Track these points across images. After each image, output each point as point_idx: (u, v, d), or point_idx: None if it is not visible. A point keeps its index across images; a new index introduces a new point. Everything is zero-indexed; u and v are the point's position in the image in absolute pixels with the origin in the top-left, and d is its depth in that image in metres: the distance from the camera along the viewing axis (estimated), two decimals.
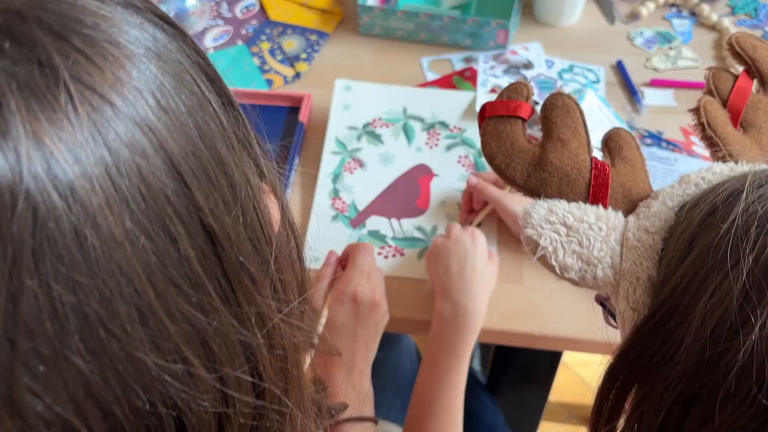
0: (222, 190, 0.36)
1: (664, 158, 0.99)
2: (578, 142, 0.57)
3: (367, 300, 0.79)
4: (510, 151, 0.57)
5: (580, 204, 0.53)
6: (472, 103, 1.03)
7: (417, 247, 0.91)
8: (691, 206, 0.48)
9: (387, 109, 1.03)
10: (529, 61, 1.12)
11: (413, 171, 0.98)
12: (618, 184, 0.56)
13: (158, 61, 0.34)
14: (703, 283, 0.41)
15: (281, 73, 1.12)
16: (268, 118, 1.06)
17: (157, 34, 0.35)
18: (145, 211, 0.32)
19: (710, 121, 0.58)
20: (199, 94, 0.36)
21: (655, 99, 1.08)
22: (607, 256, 0.50)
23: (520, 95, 0.59)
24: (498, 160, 0.58)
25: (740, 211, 0.41)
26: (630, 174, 0.56)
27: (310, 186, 0.98)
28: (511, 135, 0.58)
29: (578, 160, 0.56)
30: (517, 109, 0.58)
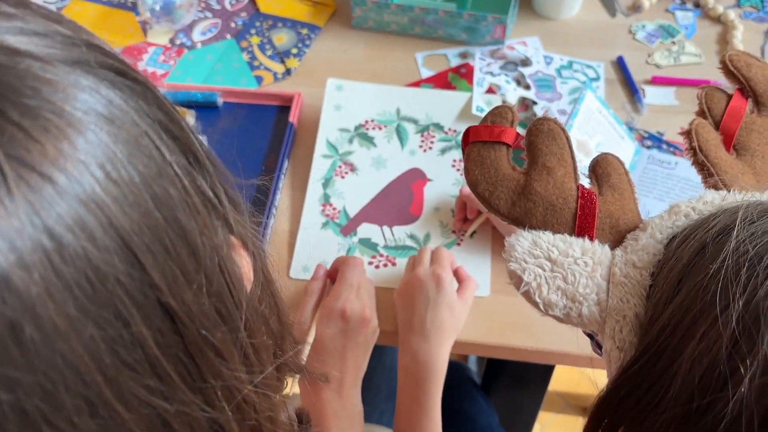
0: (182, 261, 0.34)
1: (664, 161, 0.96)
2: (564, 169, 0.54)
3: (357, 316, 0.77)
4: (494, 179, 0.55)
5: (565, 236, 0.51)
6: (467, 104, 1.00)
7: (409, 257, 0.89)
8: (680, 241, 0.46)
9: (380, 110, 1.00)
10: (526, 57, 1.09)
11: (406, 175, 0.95)
12: (605, 213, 0.53)
13: (110, 126, 0.31)
14: (691, 327, 0.39)
15: (271, 70, 1.09)
16: (257, 117, 1.03)
17: (111, 95, 0.32)
18: (92, 297, 0.29)
19: (702, 145, 0.56)
20: (158, 159, 0.33)
21: (657, 98, 1.05)
22: (592, 293, 0.49)
23: (504, 120, 0.56)
24: (481, 187, 0.56)
25: (730, 251, 0.39)
26: (618, 203, 0.54)
27: (300, 190, 0.95)
28: (495, 162, 0.55)
29: (564, 189, 0.54)
30: (502, 135, 0.56)
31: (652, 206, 0.92)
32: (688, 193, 0.93)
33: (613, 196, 0.54)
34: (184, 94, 1.03)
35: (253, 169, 0.97)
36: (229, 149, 0.98)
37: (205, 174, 0.38)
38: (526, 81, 1.06)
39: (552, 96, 1.04)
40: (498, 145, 0.56)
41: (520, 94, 1.03)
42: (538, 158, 0.54)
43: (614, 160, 0.55)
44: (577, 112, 0.92)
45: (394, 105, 1.00)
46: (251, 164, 0.97)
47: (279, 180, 0.94)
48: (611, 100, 1.04)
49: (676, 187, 0.94)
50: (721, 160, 0.56)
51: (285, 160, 0.96)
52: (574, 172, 0.55)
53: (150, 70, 1.09)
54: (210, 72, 1.09)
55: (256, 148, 0.99)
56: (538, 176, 0.54)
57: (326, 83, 1.02)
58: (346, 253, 0.89)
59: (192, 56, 1.11)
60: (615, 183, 0.55)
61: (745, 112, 0.59)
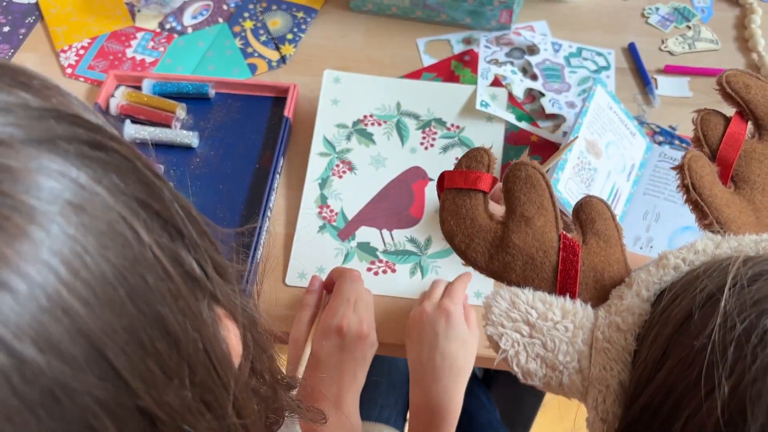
0: (161, 358, 0.30)
1: (676, 159, 0.92)
2: (544, 218, 0.51)
3: (354, 332, 0.74)
4: (470, 230, 0.52)
5: (545, 296, 0.48)
6: (471, 98, 0.95)
7: (409, 263, 0.85)
8: (667, 303, 0.43)
9: (379, 105, 0.95)
10: (534, 44, 1.03)
11: (406, 174, 0.91)
12: (589, 266, 0.50)
13: (79, 215, 0.28)
14: (675, 408, 0.37)
15: (265, 57, 1.04)
16: (251, 110, 0.98)
17: (81, 177, 0.28)
18: (59, 415, 0.26)
19: (695, 182, 0.52)
20: (135, 244, 0.30)
21: (669, 88, 1.00)
22: (573, 361, 0.46)
23: (480, 164, 0.53)
24: (458, 239, 0.52)
25: (717, 325, 0.37)
26: (603, 253, 0.51)
27: (296, 189, 0.91)
28: (471, 211, 0.52)
29: (544, 240, 0.50)
30: (477, 182, 0.52)
31: (663, 207, 0.89)
32: None
33: (598, 244, 0.51)
34: (174, 85, 0.98)
35: (248, 167, 0.92)
36: (223, 145, 0.94)
37: (189, 246, 0.34)
38: (533, 70, 1.01)
39: (560, 87, 0.99)
40: (474, 193, 0.52)
41: (527, 86, 0.98)
42: (516, 207, 0.51)
43: (599, 203, 0.52)
44: (587, 110, 0.87)
45: (394, 99, 0.96)
46: (245, 161, 0.93)
47: (274, 180, 0.90)
48: (621, 91, 0.99)
49: None
50: (716, 198, 0.52)
51: (280, 158, 0.92)
52: (555, 219, 0.51)
53: (138, 58, 1.04)
54: (201, 60, 1.04)
55: (250, 144, 0.95)
56: (516, 227, 0.51)
57: (323, 74, 0.97)
58: (344, 258, 0.85)
59: (182, 42, 1.06)
60: (600, 230, 0.51)
61: (744, 137, 0.55)
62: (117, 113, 0.96)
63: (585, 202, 0.52)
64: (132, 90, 0.98)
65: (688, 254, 0.46)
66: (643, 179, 0.91)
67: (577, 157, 0.84)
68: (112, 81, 1.00)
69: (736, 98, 0.56)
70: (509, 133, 0.94)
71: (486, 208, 0.53)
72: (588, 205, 0.52)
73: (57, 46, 1.06)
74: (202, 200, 0.90)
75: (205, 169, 0.93)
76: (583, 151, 0.85)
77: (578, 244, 0.50)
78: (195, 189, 0.91)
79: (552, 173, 0.81)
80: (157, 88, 0.98)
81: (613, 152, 0.89)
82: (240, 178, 0.92)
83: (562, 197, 0.81)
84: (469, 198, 0.53)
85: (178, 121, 0.96)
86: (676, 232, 0.87)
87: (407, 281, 0.84)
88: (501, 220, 0.52)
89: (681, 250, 0.47)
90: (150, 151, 0.94)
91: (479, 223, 0.52)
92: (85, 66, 1.03)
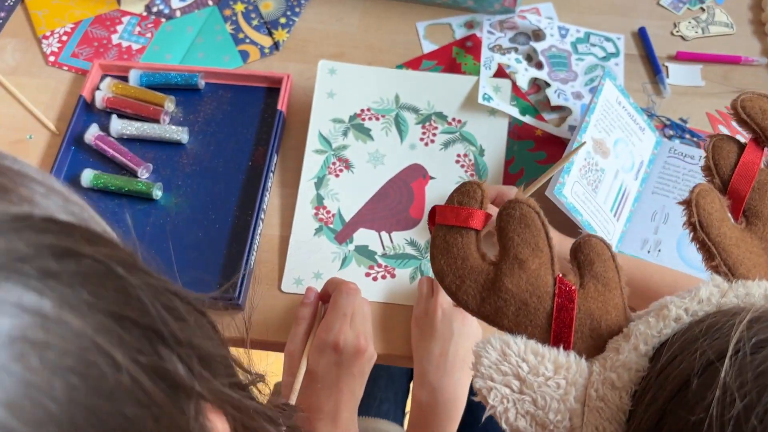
0: None
1: (686, 155, 0.88)
2: (539, 260, 0.48)
3: (351, 348, 0.71)
4: (461, 271, 0.49)
5: (537, 347, 0.45)
6: (474, 90, 0.91)
7: (409, 267, 0.82)
8: (665, 362, 0.41)
9: (377, 98, 0.91)
10: (539, 29, 0.98)
11: (406, 173, 0.87)
12: (585, 313, 0.47)
13: (42, 353, 0.24)
14: None
15: (257, 43, 0.99)
16: (243, 102, 0.94)
17: (46, 304, 0.24)
18: None
19: (703, 219, 0.49)
20: (110, 373, 0.26)
21: (681, 77, 0.96)
22: (565, 420, 0.43)
23: (472, 200, 0.50)
24: (448, 280, 0.50)
25: (715, 399, 0.34)
26: (601, 298, 0.48)
27: (291, 187, 0.88)
28: (462, 250, 0.50)
29: (538, 285, 0.48)
30: (469, 220, 0.50)
31: (672, 208, 0.85)
32: None
33: (597, 288, 0.48)
34: (163, 76, 0.93)
35: (240, 164, 0.89)
36: (214, 141, 0.90)
37: (171, 344, 0.31)
38: (538, 57, 0.96)
39: (566, 76, 0.94)
40: (466, 231, 0.50)
41: (532, 75, 0.94)
42: (509, 249, 0.48)
43: (598, 243, 0.49)
44: (595, 106, 0.83)
45: (393, 91, 0.91)
46: (238, 158, 0.89)
47: (267, 179, 0.86)
48: (630, 81, 0.95)
49: None
50: (724, 238, 0.49)
51: (274, 155, 0.88)
52: (551, 261, 0.48)
53: (125, 45, 0.99)
54: (191, 47, 0.99)
55: (242, 139, 0.91)
56: (510, 270, 0.48)
57: (318, 65, 0.93)
58: (342, 263, 0.82)
59: (171, 27, 1.01)
60: (599, 272, 0.48)
61: (759, 167, 0.52)
62: (103, 106, 0.92)
63: (583, 241, 0.49)
64: (118, 81, 0.93)
65: (691, 304, 0.44)
66: (651, 177, 0.87)
67: (583, 158, 0.80)
68: (97, 71, 0.95)
69: (752, 124, 0.52)
70: (513, 127, 0.90)
71: (478, 247, 0.50)
72: (586, 245, 0.49)
73: (38, 31, 1.01)
74: (192, 201, 0.86)
75: (195, 166, 0.89)
76: (590, 152, 0.81)
77: (575, 290, 0.47)
78: (186, 189, 0.87)
79: (557, 178, 0.77)
80: (145, 79, 0.94)
81: (621, 150, 0.85)
82: (232, 176, 0.88)
83: (567, 202, 0.78)
84: (460, 236, 0.50)
85: (166, 115, 0.92)
86: (685, 235, 0.84)
87: (407, 287, 0.81)
88: (494, 261, 0.49)
89: (684, 298, 0.44)
90: (138, 148, 0.90)
91: (470, 263, 0.50)
92: (68, 53, 0.99)
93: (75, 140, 0.91)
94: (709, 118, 0.92)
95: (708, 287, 0.44)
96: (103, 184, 0.86)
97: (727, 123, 0.92)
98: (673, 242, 0.83)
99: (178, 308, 0.32)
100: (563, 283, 0.48)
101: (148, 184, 0.86)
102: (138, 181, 0.86)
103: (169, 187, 0.88)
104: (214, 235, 0.84)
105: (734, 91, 0.95)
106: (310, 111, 0.91)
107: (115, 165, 0.89)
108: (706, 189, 0.50)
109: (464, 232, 0.50)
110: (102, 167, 0.89)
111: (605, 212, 0.82)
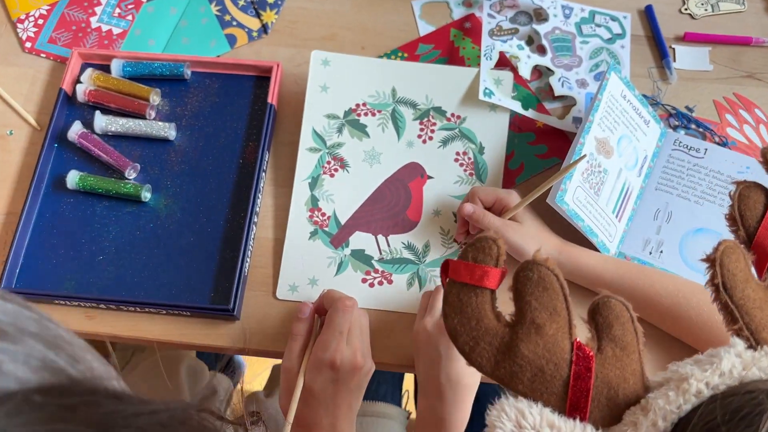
0: None
1: (692, 148, 0.85)
2: (557, 325, 0.46)
3: (348, 365, 0.71)
4: (475, 332, 0.47)
5: (553, 419, 0.44)
6: (474, 82, 0.87)
7: (406, 272, 0.81)
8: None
9: (373, 91, 0.87)
10: (541, 8, 0.93)
11: (403, 172, 0.85)
12: (603, 381, 0.46)
13: None
14: None
15: (245, 27, 0.94)
16: (231, 92, 0.90)
17: None
18: None
19: (727, 281, 0.47)
20: None
21: (688, 60, 0.92)
22: None
23: (488, 257, 0.48)
24: (462, 340, 0.48)
25: None
26: (619, 364, 0.46)
27: (284, 187, 0.85)
28: (477, 311, 0.48)
29: (555, 351, 0.46)
30: (484, 279, 0.47)
31: (675, 205, 0.83)
32: (716, 189, 0.83)
33: (614, 353, 0.46)
34: (147, 65, 0.89)
35: (231, 162, 0.86)
36: (203, 136, 0.86)
37: None
38: (540, 41, 0.91)
39: (570, 61, 0.90)
40: (480, 290, 0.48)
41: (535, 62, 0.90)
42: (526, 312, 0.46)
43: (617, 305, 0.47)
44: (599, 104, 0.79)
45: (389, 84, 0.87)
46: (228, 156, 0.86)
47: (260, 180, 0.83)
48: (636, 65, 0.91)
49: (702, 182, 0.84)
50: (748, 301, 0.47)
51: (266, 153, 0.85)
52: (569, 325, 0.47)
53: (105, 29, 0.94)
54: (174, 31, 0.94)
55: (232, 134, 0.87)
56: (526, 336, 0.46)
57: (310, 55, 0.88)
58: (338, 268, 0.80)
59: (152, 8, 0.95)
60: (617, 335, 0.46)
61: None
62: (85, 101, 0.88)
63: (603, 303, 0.47)
64: (100, 72, 0.89)
65: (712, 378, 0.42)
66: (655, 171, 0.85)
67: (586, 161, 0.77)
68: (77, 60, 0.90)
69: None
70: (513, 117, 0.87)
71: (493, 307, 0.48)
72: (605, 308, 0.47)
73: (13, 14, 0.95)
74: (183, 203, 0.83)
75: (184, 165, 0.86)
76: (593, 153, 0.78)
77: (592, 356, 0.46)
78: (175, 190, 0.84)
79: (558, 186, 0.75)
80: (128, 69, 0.89)
81: (625, 147, 0.82)
82: (223, 176, 0.85)
83: (569, 209, 0.75)
84: (475, 295, 0.48)
85: (152, 110, 0.88)
86: (689, 234, 0.82)
87: (405, 293, 0.80)
88: (509, 323, 0.48)
89: (705, 371, 0.43)
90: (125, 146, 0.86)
91: (485, 324, 0.48)
92: (45, 39, 0.93)
93: (58, 137, 0.87)
94: (716, 106, 0.89)
95: (730, 358, 0.43)
96: (89, 187, 0.83)
97: (734, 111, 0.89)
98: (675, 243, 0.82)
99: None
100: (581, 350, 0.46)
101: (137, 186, 0.83)
102: (126, 183, 0.83)
103: (158, 188, 0.85)
104: (207, 239, 0.82)
105: (743, 75, 0.91)
106: (301, 102, 0.88)
107: (101, 164, 0.86)
108: (731, 247, 0.47)
109: (479, 291, 0.48)
110: (88, 167, 0.86)
111: (607, 215, 0.80)
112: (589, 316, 0.48)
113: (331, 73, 0.87)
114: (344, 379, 0.71)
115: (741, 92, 0.90)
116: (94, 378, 0.31)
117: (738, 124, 0.88)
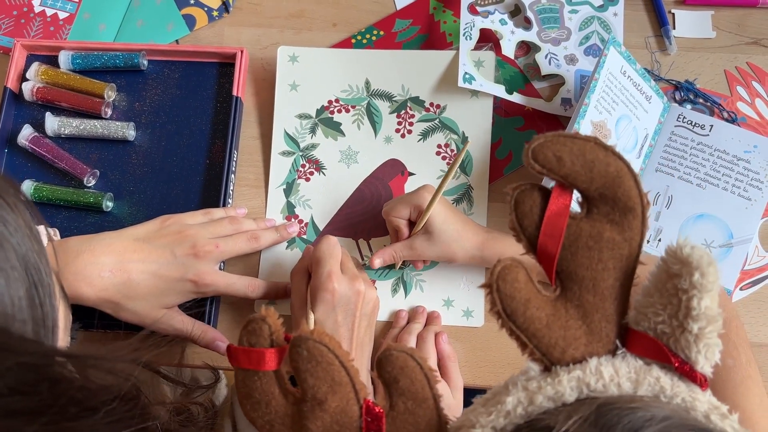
0: None
1: (696, 124, 0.79)
2: (339, 395, 0.45)
3: (345, 288, 0.66)
4: (268, 416, 0.46)
5: None
6: (452, 65, 0.79)
7: (390, 278, 0.76)
8: None
9: (345, 86, 0.80)
10: None
11: (382, 170, 0.79)
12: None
13: None
14: None
15: (204, 6, 0.85)
16: (193, 82, 0.82)
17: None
18: None
19: (507, 307, 0.42)
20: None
21: (689, 27, 0.84)
22: None
23: (261, 338, 0.45)
24: (259, 424, 0.47)
25: None
26: (412, 418, 0.45)
27: (256, 188, 0.79)
28: (264, 394, 0.46)
29: (344, 421, 0.45)
30: (261, 362, 0.45)
31: (676, 189, 0.78)
32: (720, 171, 0.78)
33: (407, 407, 0.45)
34: (98, 57, 0.81)
35: (197, 163, 0.79)
36: (165, 135, 0.80)
37: None
38: (526, 12, 0.83)
39: (558, 35, 0.83)
40: (263, 372, 0.45)
41: (519, 38, 0.82)
42: (306, 390, 0.45)
43: (399, 356, 0.44)
44: (596, 84, 0.73)
45: (362, 76, 0.80)
46: (193, 156, 0.80)
47: (228, 183, 0.77)
48: (631, 35, 0.84)
49: (706, 162, 0.78)
50: (533, 322, 0.41)
51: (234, 152, 0.79)
52: (354, 391, 0.45)
53: (49, 13, 0.85)
54: (127, 13, 0.85)
55: (196, 131, 0.80)
56: (311, 413, 0.45)
57: (277, 51, 0.80)
58: None
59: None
60: (406, 388, 0.44)
61: (567, 218, 0.43)
62: (33, 100, 0.81)
63: (384, 358, 0.44)
64: (48, 67, 0.81)
65: (497, 420, 0.40)
66: (656, 150, 0.79)
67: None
68: (21, 53, 0.82)
69: (551, 177, 0.43)
70: (499, 101, 0.80)
71: (282, 385, 0.46)
72: (388, 363, 0.44)
73: None
74: (148, 210, 0.78)
75: (147, 168, 0.80)
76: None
77: (382, 414, 0.44)
78: (139, 196, 0.79)
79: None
80: (78, 62, 0.81)
81: (624, 128, 0.76)
82: (189, 178, 0.79)
83: None
84: (258, 379, 0.46)
85: (108, 107, 0.81)
86: (689, 221, 0.78)
87: (390, 301, 0.76)
88: (298, 399, 0.46)
89: (490, 414, 0.40)
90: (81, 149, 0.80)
91: (274, 407, 0.46)
92: None
93: (7, 142, 0.81)
94: (727, 77, 0.82)
95: (516, 394, 0.40)
96: (45, 198, 0.77)
97: (747, 83, 0.82)
98: (674, 231, 0.77)
99: None
100: (369, 412, 0.45)
101: (97, 194, 0.77)
102: (86, 193, 0.78)
103: (120, 194, 0.79)
104: None
105: (748, 41, 0.84)
106: (269, 89, 0.81)
107: (57, 170, 0.79)
108: (506, 267, 0.42)
109: (261, 374, 0.45)
110: (43, 174, 0.79)
111: None
112: (377, 373, 0.45)
113: (300, 70, 0.80)
114: (346, 306, 0.66)
115: (747, 61, 0.83)
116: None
117: (750, 97, 0.82)
